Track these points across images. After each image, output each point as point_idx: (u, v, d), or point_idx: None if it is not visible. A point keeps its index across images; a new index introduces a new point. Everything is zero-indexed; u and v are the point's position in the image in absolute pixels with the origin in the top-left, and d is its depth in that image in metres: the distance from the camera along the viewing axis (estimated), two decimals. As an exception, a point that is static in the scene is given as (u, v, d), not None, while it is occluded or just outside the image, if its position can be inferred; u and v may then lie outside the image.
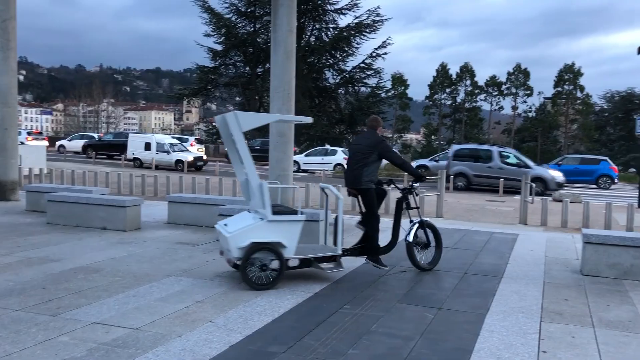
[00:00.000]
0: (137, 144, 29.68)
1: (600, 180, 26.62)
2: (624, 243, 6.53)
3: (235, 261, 5.82)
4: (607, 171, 26.70)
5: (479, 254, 7.88)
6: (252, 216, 5.96)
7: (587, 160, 28.72)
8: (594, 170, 27.03)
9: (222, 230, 5.94)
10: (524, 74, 53.41)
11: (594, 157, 29.48)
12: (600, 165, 27.23)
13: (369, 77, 44.38)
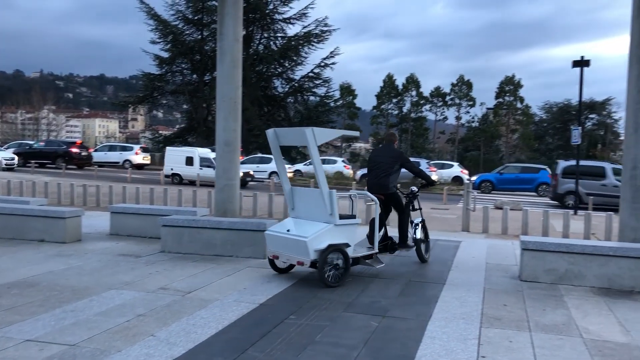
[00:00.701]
0: (175, 159, 26.00)
1: (540, 188, 27.65)
2: (559, 249, 6.80)
3: (310, 262, 6.30)
4: (546, 179, 27.77)
5: (423, 261, 8.02)
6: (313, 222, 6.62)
7: (528, 169, 29.80)
8: (534, 178, 28.07)
9: (289, 236, 6.49)
10: (467, 86, 55.05)
11: (534, 166, 30.63)
12: (539, 174, 28.30)
13: (317, 86, 44.65)
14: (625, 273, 6.60)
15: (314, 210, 6.75)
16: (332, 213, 6.52)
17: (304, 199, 7.01)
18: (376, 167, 7.45)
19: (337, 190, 6.92)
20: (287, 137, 7.17)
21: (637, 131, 8.08)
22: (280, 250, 6.68)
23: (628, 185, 8.20)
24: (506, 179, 28.21)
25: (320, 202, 6.61)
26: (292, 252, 6.51)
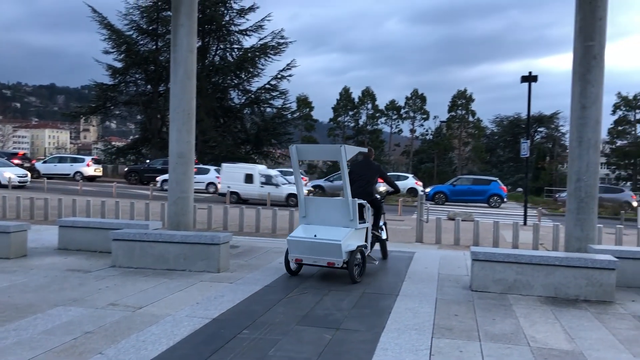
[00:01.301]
0: (233, 176, 24.45)
1: (491, 200, 28.37)
2: (507, 260, 6.98)
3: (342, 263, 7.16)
4: (497, 191, 28.54)
5: (377, 272, 8.10)
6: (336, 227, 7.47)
7: (479, 180, 30.57)
8: (485, 190, 28.80)
9: (319, 240, 7.24)
10: (421, 99, 56.15)
11: (486, 178, 31.46)
12: (491, 186, 29.07)
13: (274, 98, 44.72)
14: (570, 282, 6.82)
15: (332, 217, 7.59)
16: (353, 219, 7.46)
17: (319, 207, 7.77)
18: (360, 179, 8.61)
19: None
20: (309, 153, 8.51)
21: (580, 145, 8.42)
22: (306, 254, 7.38)
23: (573, 197, 8.52)
24: (459, 191, 28.85)
25: (339, 208, 7.57)
26: (321, 255, 7.26)
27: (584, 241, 8.33)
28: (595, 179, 8.46)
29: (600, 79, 8.36)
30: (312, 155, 9.23)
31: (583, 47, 8.30)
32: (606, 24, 8.35)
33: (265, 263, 8.52)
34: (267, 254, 9.41)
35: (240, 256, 9.09)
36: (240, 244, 10.34)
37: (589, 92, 8.31)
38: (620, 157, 50.27)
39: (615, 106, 50.24)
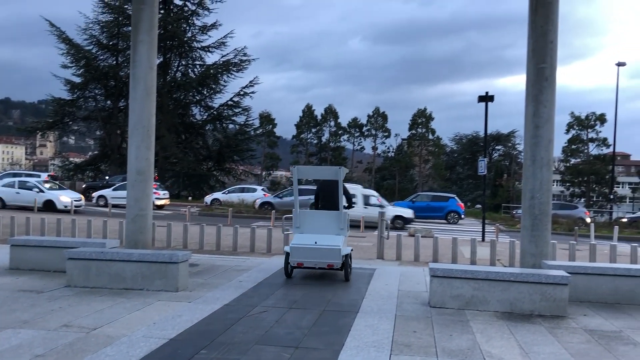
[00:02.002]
0: None
1: (449, 216, 28.85)
2: (465, 276, 7.10)
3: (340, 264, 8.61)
4: (455, 207, 29.07)
5: (338, 289, 8.12)
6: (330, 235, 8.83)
7: (438, 197, 31.10)
8: (443, 206, 29.30)
9: (320, 246, 8.52)
10: (383, 117, 56.92)
11: (444, 195, 32.03)
12: (449, 202, 29.60)
13: (237, 114, 44.61)
14: (525, 297, 6.98)
15: (324, 226, 8.95)
16: (344, 227, 8.91)
17: (312, 219, 9.12)
18: (331, 193, 9.50)
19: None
20: (308, 173, 10.87)
21: (534, 163, 8.68)
22: (307, 258, 8.59)
23: (527, 214, 8.75)
24: (418, 207, 29.26)
25: (332, 219, 8.96)
26: (322, 259, 8.56)
27: (538, 257, 8.56)
28: (548, 196, 8.73)
29: (552, 99, 8.67)
30: (310, 175, 11.16)
31: (535, 69, 8.61)
32: (557, 47, 8.68)
33: (225, 281, 8.43)
34: (227, 272, 9.32)
35: (200, 275, 8.98)
36: (200, 262, 10.21)
37: (541, 112, 8.60)
38: (574, 174, 51.89)
39: (569, 125, 51.94)
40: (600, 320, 6.76)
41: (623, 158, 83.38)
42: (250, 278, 8.78)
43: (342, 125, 57.26)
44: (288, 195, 30.30)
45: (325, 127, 57.07)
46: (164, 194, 30.36)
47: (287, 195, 30.21)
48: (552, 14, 8.58)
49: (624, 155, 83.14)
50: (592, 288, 7.84)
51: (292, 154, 59.55)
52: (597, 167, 50.49)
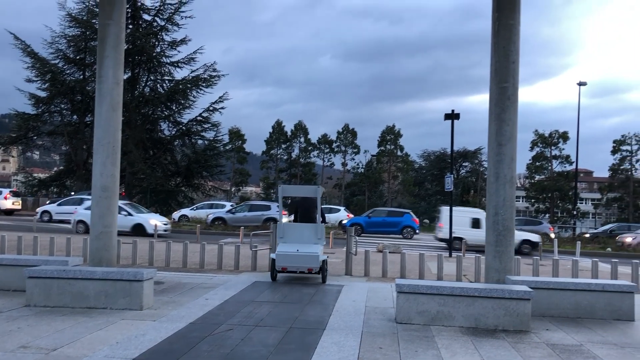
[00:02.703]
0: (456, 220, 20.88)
1: (404, 231, 29.15)
2: (430, 291, 7.17)
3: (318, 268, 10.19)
4: (410, 222, 29.49)
5: (305, 306, 8.10)
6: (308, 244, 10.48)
7: (393, 212, 31.63)
8: (399, 221, 29.71)
9: (301, 253, 10.15)
10: (352, 134, 57.35)
11: (399, 210, 32.64)
12: (404, 218, 30.08)
13: (206, 130, 44.25)
14: (489, 312, 7.08)
15: (303, 237, 10.57)
16: (320, 237, 10.57)
17: (294, 230, 10.76)
18: (309, 208, 11.22)
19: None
20: (292, 191, 12.25)
21: (497, 180, 8.86)
22: (290, 264, 10.18)
23: (491, 230, 8.90)
24: (374, 222, 29.58)
25: (309, 231, 10.62)
26: (303, 264, 10.13)
27: (502, 272, 8.69)
28: (511, 212, 8.90)
29: (515, 118, 8.89)
30: (293, 193, 12.45)
31: (498, 88, 8.83)
32: (519, 67, 8.92)
33: (190, 299, 8.33)
34: (193, 290, 9.21)
35: (165, 292, 8.85)
36: (166, 280, 10.07)
37: (504, 130, 8.80)
38: (539, 191, 53.01)
39: (533, 143, 53.16)
40: (562, 334, 6.90)
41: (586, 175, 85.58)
42: (216, 296, 8.70)
43: (312, 141, 57.48)
44: (240, 210, 30.04)
45: (295, 143, 57.17)
46: None
47: (239, 210, 29.98)
48: (513, 36, 8.83)
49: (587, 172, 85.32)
50: (554, 303, 8.01)
51: (261, 170, 59.38)
52: (560, 184, 51.73)
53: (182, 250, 13.29)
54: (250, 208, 30.49)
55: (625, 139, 51.10)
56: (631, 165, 50.95)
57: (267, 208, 30.46)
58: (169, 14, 41.90)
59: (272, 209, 30.25)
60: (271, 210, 30.06)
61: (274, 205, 31.46)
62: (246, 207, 30.92)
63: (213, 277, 10.99)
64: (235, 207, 30.90)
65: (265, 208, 30.45)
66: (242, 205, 31.65)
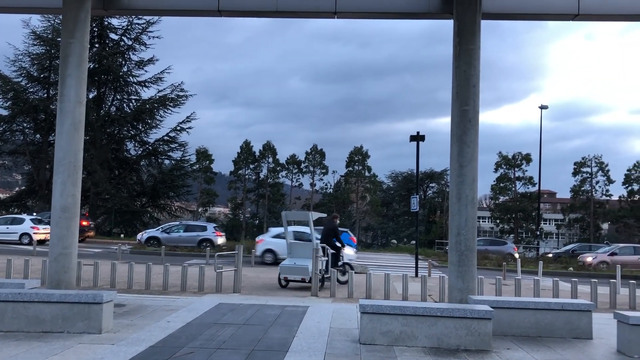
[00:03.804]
0: None
1: None
2: (394, 312, 7.20)
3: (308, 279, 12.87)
4: (347, 241, 29.74)
5: (268, 328, 8.02)
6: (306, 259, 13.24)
7: None
8: None
9: (297, 265, 13.30)
10: (320, 154, 57.54)
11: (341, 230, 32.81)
12: (341, 236, 30.27)
13: (173, 150, 43.96)
14: (452, 332, 7.14)
15: (305, 253, 13.42)
16: (316, 254, 12.51)
17: (298, 248, 13.91)
18: (326, 233, 14.61)
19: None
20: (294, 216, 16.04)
21: (459, 201, 9.02)
22: (290, 274, 13.39)
23: (454, 250, 9.03)
24: None
25: (308, 249, 13.25)
26: (298, 274, 13.25)
27: (465, 292, 8.81)
28: (473, 232, 9.06)
29: (476, 140, 9.10)
30: (294, 217, 16.45)
31: (459, 111, 9.04)
32: (479, 90, 9.17)
33: (151, 322, 8.17)
34: (155, 312, 9.04)
35: (126, 315, 8.66)
36: (127, 303, 9.86)
37: (465, 152, 9.00)
38: (503, 211, 53.96)
39: (497, 164, 54.23)
40: (523, 353, 6.99)
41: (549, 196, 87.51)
42: (179, 318, 8.55)
43: (280, 161, 57.43)
44: (176, 230, 29.59)
45: (263, 164, 57.05)
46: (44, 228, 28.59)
47: (175, 230, 29.56)
48: (474, 60, 9.09)
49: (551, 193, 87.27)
50: (515, 322, 8.13)
51: (229, 190, 58.94)
52: (524, 205, 52.74)
53: (145, 272, 13.05)
54: (186, 228, 29.92)
55: (585, 161, 52.56)
56: (591, 186, 52.35)
57: (203, 229, 29.98)
58: (137, 33, 41.82)
59: (209, 229, 29.90)
60: (207, 231, 29.65)
61: (210, 226, 31.10)
62: (182, 227, 30.39)
63: (176, 299, 10.81)
64: (171, 227, 30.43)
65: (201, 229, 30.01)
66: (178, 225, 31.09)
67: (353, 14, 10.33)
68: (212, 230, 29.79)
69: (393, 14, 10.37)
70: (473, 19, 9.04)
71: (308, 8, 10.10)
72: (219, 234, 29.99)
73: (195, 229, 29.81)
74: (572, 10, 9.86)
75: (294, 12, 10.28)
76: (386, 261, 28.42)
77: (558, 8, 9.99)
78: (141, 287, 12.81)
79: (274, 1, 9.98)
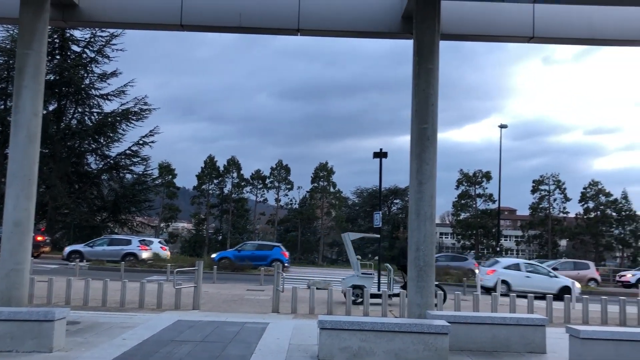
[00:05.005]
0: None
1: (273, 265, 29.49)
2: (352, 327, 7.21)
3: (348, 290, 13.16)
4: (278, 256, 30.25)
5: (227, 345, 7.93)
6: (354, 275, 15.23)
7: (263, 246, 32.59)
8: (267, 255, 30.49)
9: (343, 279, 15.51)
10: (286, 170, 57.50)
11: (269, 244, 33.71)
12: (273, 251, 30.98)
13: (135, 164, 43.25)
14: (409, 347, 7.18)
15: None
16: (357, 270, 15.04)
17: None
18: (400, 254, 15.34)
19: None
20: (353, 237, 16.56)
21: (418, 217, 9.13)
22: (345, 286, 14.35)
23: (413, 265, 9.12)
24: (243, 256, 30.00)
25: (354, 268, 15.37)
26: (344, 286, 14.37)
27: (423, 307, 8.88)
28: (432, 248, 9.17)
29: (434, 157, 9.25)
30: (353, 237, 16.66)
31: (418, 129, 9.19)
32: (437, 109, 9.34)
33: (106, 340, 7.98)
34: (110, 329, 8.83)
35: (80, 333, 8.43)
36: (82, 320, 9.60)
37: (424, 169, 9.13)
38: (464, 228, 54.86)
39: (459, 182, 55.24)
40: (478, 367, 7.09)
41: (510, 213, 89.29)
42: (135, 335, 8.37)
43: (245, 177, 57.10)
44: (100, 244, 29.22)
45: (227, 179, 56.62)
46: None
47: (99, 244, 29.24)
48: (433, 79, 9.27)
49: (511, 210, 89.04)
50: (472, 337, 8.23)
51: (192, 205, 58.23)
52: (484, 221, 53.72)
53: (102, 288, 12.75)
54: (110, 242, 29.65)
55: (543, 179, 53.94)
56: (549, 204, 53.71)
57: (128, 243, 29.74)
58: (100, 46, 41.23)
59: (133, 243, 29.64)
60: (132, 244, 29.43)
61: (135, 239, 30.91)
62: (106, 240, 30.08)
63: (133, 316, 10.60)
64: (95, 241, 30.11)
65: (126, 242, 29.77)
66: (102, 239, 30.72)
67: (316, 32, 10.44)
68: (136, 245, 29.60)
69: (355, 33, 10.53)
70: (432, 39, 9.24)
71: (271, 25, 10.17)
72: (144, 247, 29.84)
73: (119, 243, 29.63)
74: (527, 33, 10.20)
75: (257, 28, 10.33)
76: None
77: (514, 31, 10.31)
78: (98, 303, 12.51)
79: (237, 17, 10.02)
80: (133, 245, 29.16)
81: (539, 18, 10.12)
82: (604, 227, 52.25)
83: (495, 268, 23.02)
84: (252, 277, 23.86)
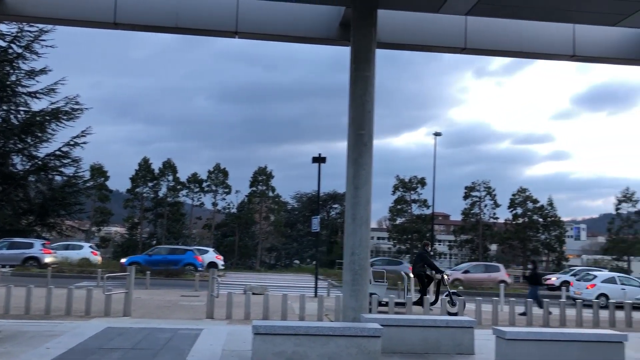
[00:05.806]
0: None
1: (185, 269, 29.51)
2: (286, 332, 7.20)
3: None
4: (191, 260, 30.15)
5: (158, 353, 7.74)
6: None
7: (175, 250, 32.15)
8: (180, 259, 30.14)
9: None
10: (223, 173, 56.77)
11: (181, 248, 33.32)
12: (185, 255, 30.77)
13: (65, 165, 41.48)
14: (343, 351, 7.24)
15: None
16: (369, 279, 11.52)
17: None
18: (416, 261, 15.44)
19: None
20: None
21: (354, 221, 9.26)
22: None
23: (348, 270, 9.24)
24: (154, 260, 29.64)
25: None
26: None
27: (358, 311, 9.01)
28: (367, 252, 9.33)
29: (370, 163, 9.42)
30: None
31: (355, 135, 9.34)
32: (373, 116, 9.53)
33: (29, 349, 7.61)
34: (34, 338, 8.42)
35: (0, 343, 8.00)
36: (3, 329, 9.10)
37: (360, 174, 9.29)
38: (400, 232, 56.01)
39: (395, 187, 56.37)
40: (409, 369, 7.24)
41: (443, 218, 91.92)
42: (60, 344, 8.03)
43: (181, 180, 55.91)
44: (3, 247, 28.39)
45: (163, 182, 55.28)
46: None
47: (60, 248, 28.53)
48: (369, 87, 9.44)
49: (445, 215, 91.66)
50: (404, 339, 8.40)
51: (125, 209, 56.49)
52: (419, 226, 55.05)
53: (25, 295, 12.15)
54: (10, 245, 28.62)
55: (475, 186, 55.82)
56: (480, 209, 55.63)
57: (29, 246, 28.95)
58: (28, 41, 39.34)
59: (35, 246, 28.81)
60: (33, 248, 28.62)
61: (38, 243, 30.10)
62: (6, 244, 29.06)
63: (59, 323, 10.16)
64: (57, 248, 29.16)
65: (27, 246, 28.98)
66: (2, 242, 29.64)
67: (254, 35, 10.40)
68: (39, 248, 28.70)
69: (293, 38, 10.58)
70: (369, 47, 9.41)
71: (209, 26, 10.06)
72: (47, 251, 28.91)
73: (20, 246, 28.58)
74: (459, 44, 10.57)
75: (195, 29, 10.19)
76: (287, 282, 28.43)
77: (447, 41, 10.66)
78: (20, 311, 11.92)
79: (174, 17, 9.85)
80: (35, 249, 28.04)
81: (471, 30, 10.52)
82: (531, 232, 54.60)
83: (594, 282, 24.41)
84: (187, 283, 23.41)
